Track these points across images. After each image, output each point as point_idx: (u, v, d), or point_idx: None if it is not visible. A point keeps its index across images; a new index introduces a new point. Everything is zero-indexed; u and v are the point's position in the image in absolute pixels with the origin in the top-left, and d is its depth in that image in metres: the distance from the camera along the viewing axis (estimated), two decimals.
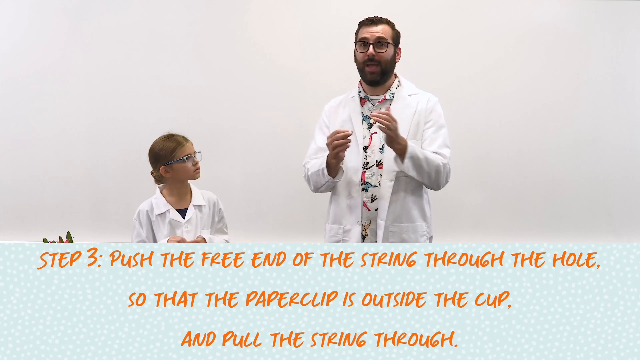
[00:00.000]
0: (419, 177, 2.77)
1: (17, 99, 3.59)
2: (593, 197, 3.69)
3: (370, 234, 2.83)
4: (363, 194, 2.81)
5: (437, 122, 2.84)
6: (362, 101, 2.88)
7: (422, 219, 2.86)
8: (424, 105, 2.83)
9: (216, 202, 2.96)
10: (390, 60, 2.82)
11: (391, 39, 2.82)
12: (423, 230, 2.85)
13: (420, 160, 2.72)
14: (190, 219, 2.87)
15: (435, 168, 2.75)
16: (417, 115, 2.82)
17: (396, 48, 2.86)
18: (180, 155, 2.80)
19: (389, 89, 2.86)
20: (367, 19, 2.86)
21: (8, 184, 3.60)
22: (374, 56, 2.79)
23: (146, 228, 2.86)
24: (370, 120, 2.83)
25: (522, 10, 3.65)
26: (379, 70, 2.80)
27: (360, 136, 2.83)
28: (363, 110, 2.87)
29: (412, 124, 2.80)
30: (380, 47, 2.79)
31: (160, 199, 2.89)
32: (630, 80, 3.69)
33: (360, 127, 2.85)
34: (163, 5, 3.59)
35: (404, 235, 2.80)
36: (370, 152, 2.82)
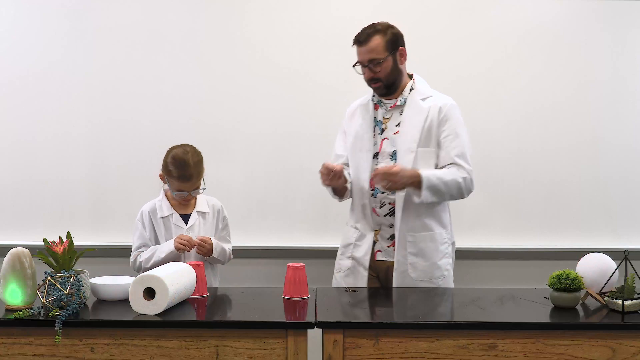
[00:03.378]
0: (440, 200, 2.75)
1: (17, 99, 3.59)
2: (593, 198, 3.69)
3: (380, 240, 2.84)
4: (372, 200, 2.82)
5: (454, 129, 2.78)
6: (376, 106, 2.87)
7: (441, 227, 2.85)
8: (436, 112, 2.78)
9: (220, 210, 2.96)
10: (391, 72, 2.78)
11: (385, 51, 2.75)
12: (443, 238, 2.85)
13: (438, 187, 2.69)
14: (193, 226, 2.87)
15: (455, 187, 2.73)
16: (430, 122, 2.77)
17: (396, 53, 2.79)
18: (173, 187, 2.81)
19: (402, 93, 2.84)
20: (355, 38, 2.78)
21: (8, 184, 3.60)
22: (372, 76, 2.78)
23: (149, 229, 2.87)
24: (382, 125, 2.83)
25: (522, 10, 3.64)
26: (383, 85, 2.79)
27: (371, 143, 2.83)
28: (377, 114, 2.86)
29: (423, 131, 2.77)
30: (376, 66, 2.75)
31: (164, 201, 2.90)
32: (631, 81, 3.68)
33: (371, 133, 2.84)
34: (163, 6, 3.59)
35: (422, 244, 2.80)
36: (381, 159, 2.82)
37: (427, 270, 2.81)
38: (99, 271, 2.63)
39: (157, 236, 2.86)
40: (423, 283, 2.80)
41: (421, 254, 2.80)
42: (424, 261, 2.80)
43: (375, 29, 2.77)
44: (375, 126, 2.85)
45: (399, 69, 2.81)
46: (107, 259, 3.31)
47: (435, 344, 2.23)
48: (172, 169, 2.77)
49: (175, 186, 2.79)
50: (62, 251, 2.33)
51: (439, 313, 2.46)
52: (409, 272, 2.79)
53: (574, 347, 2.24)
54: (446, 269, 2.85)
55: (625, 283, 2.38)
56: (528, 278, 3.57)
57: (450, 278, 2.89)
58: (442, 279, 2.83)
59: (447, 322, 2.26)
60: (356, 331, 2.23)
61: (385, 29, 2.79)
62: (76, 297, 2.26)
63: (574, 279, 2.39)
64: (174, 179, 2.78)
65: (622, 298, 2.35)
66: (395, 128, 2.82)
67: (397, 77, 2.80)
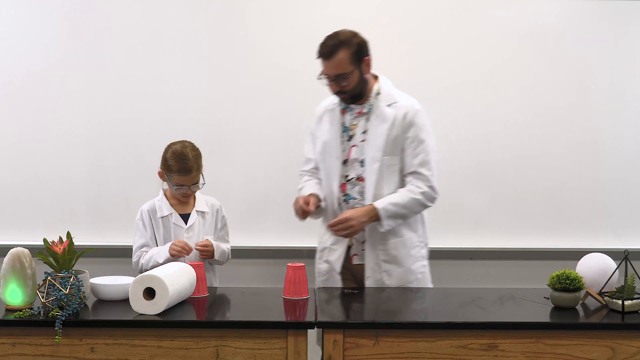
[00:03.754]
0: (405, 220, 2.77)
1: (17, 100, 3.59)
2: (593, 198, 3.69)
3: (356, 244, 2.85)
4: (345, 205, 2.82)
5: (417, 137, 2.76)
6: (343, 111, 2.87)
7: (411, 231, 2.84)
8: (401, 118, 2.76)
9: (219, 209, 2.96)
10: (357, 84, 2.74)
11: (351, 64, 2.69)
12: (414, 243, 2.84)
13: (398, 212, 2.71)
14: (193, 225, 2.87)
15: (415, 204, 2.74)
16: (395, 129, 2.75)
17: (361, 65, 2.73)
18: (173, 182, 2.80)
19: (368, 99, 2.81)
20: (320, 51, 2.72)
21: (8, 184, 3.60)
22: (339, 90, 2.76)
23: (149, 229, 2.87)
24: (349, 131, 2.82)
25: (523, 12, 3.64)
26: (349, 97, 2.78)
27: (339, 150, 2.82)
28: (344, 120, 2.85)
29: (387, 140, 2.75)
30: (342, 81, 2.72)
31: (163, 201, 2.90)
32: (631, 81, 3.68)
33: (339, 140, 2.84)
34: (163, 6, 3.59)
35: (394, 251, 2.81)
36: (350, 165, 2.82)
37: (402, 277, 2.81)
38: (99, 271, 2.63)
39: (157, 236, 2.86)
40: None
41: (394, 261, 2.80)
42: (398, 267, 2.81)
43: (340, 41, 2.69)
44: (343, 132, 2.84)
45: (365, 79, 2.78)
46: (107, 259, 3.31)
47: (435, 344, 2.23)
48: (171, 163, 2.78)
49: (175, 180, 2.79)
50: (62, 251, 2.33)
51: (439, 313, 2.46)
52: (384, 280, 2.79)
53: (574, 347, 2.24)
54: (420, 272, 2.86)
55: (625, 283, 2.38)
56: (528, 278, 3.57)
57: (425, 280, 2.89)
58: (416, 282, 2.84)
59: (447, 322, 2.26)
60: (356, 331, 2.22)
61: (350, 39, 2.70)
62: (76, 297, 2.26)
63: (574, 279, 2.39)
64: (174, 172, 2.78)
65: (622, 298, 2.35)
66: (362, 135, 2.80)
67: (363, 87, 2.78)
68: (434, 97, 3.61)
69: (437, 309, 2.52)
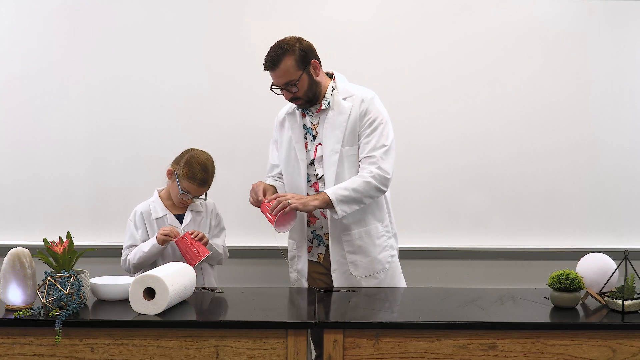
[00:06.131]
0: (360, 206, 2.73)
1: (17, 99, 3.59)
2: (593, 198, 3.69)
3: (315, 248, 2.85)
4: None
5: (372, 123, 2.76)
6: (303, 114, 2.87)
7: (376, 220, 2.84)
8: (357, 107, 2.76)
9: (213, 208, 2.97)
10: (308, 87, 2.74)
11: (297, 70, 2.70)
12: (379, 232, 2.84)
13: (350, 196, 2.67)
14: (188, 225, 2.87)
15: (368, 188, 2.70)
16: (352, 122, 2.76)
17: (309, 68, 2.73)
18: (182, 186, 2.80)
19: (325, 96, 2.81)
20: (265, 63, 2.73)
21: (8, 184, 3.60)
22: (291, 97, 2.76)
23: (141, 230, 2.86)
24: (312, 131, 2.82)
25: (522, 10, 3.64)
26: (304, 102, 2.78)
27: (303, 152, 2.82)
28: (305, 122, 2.86)
29: (346, 132, 2.75)
30: (292, 88, 2.72)
31: (158, 202, 2.90)
32: (630, 80, 3.69)
33: (303, 142, 2.84)
34: (163, 6, 3.59)
35: (358, 241, 2.80)
36: (317, 164, 2.82)
37: (368, 267, 2.81)
38: (99, 271, 2.63)
39: (150, 237, 2.86)
40: (366, 280, 2.80)
41: (360, 251, 2.80)
42: (364, 257, 2.80)
43: (283, 50, 2.70)
44: (306, 133, 2.84)
45: (316, 82, 2.77)
46: (107, 259, 3.31)
47: (435, 344, 2.23)
48: (189, 169, 2.79)
49: (184, 185, 2.79)
50: (62, 251, 2.33)
51: (439, 313, 2.46)
52: (351, 271, 2.79)
53: (574, 347, 2.24)
54: (387, 262, 2.85)
55: (625, 283, 2.38)
56: (528, 278, 3.57)
57: (394, 270, 2.89)
58: (384, 272, 2.83)
59: (447, 322, 2.26)
60: (356, 331, 2.23)
61: (293, 46, 2.71)
62: (76, 297, 2.26)
63: (574, 279, 2.39)
64: (188, 179, 2.78)
65: (622, 298, 2.35)
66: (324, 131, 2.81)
67: (316, 90, 2.77)
68: (432, 96, 3.62)
69: (437, 309, 2.52)
